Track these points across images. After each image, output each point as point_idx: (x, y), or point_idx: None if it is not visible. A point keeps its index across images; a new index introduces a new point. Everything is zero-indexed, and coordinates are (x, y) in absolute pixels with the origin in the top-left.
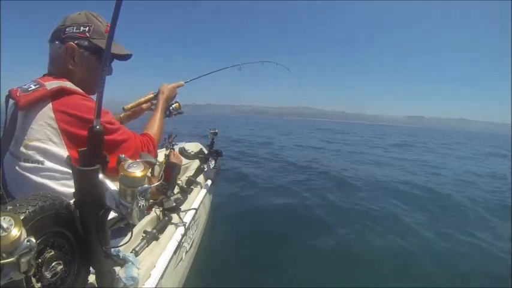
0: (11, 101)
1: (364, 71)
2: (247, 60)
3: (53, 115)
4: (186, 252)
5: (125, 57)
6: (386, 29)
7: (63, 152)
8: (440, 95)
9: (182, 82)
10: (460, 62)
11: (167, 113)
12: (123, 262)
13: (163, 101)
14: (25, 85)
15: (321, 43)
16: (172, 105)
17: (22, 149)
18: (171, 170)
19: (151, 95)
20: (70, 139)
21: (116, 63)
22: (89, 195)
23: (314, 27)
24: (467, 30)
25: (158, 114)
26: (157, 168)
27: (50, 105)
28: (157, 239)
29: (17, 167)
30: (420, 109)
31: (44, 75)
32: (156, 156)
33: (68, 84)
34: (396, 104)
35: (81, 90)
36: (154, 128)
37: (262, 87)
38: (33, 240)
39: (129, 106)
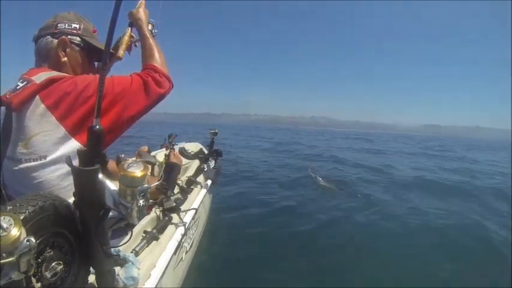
0: (2, 108)
1: (379, 79)
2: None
3: (42, 105)
4: (186, 252)
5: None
6: (399, 37)
7: (62, 138)
8: (456, 103)
9: (142, 0)
10: (475, 68)
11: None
12: (123, 262)
13: (145, 24)
14: (13, 87)
15: (337, 50)
16: (149, 28)
17: (22, 149)
18: (171, 170)
19: (129, 29)
20: (65, 118)
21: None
22: (89, 195)
23: (327, 34)
24: (479, 39)
25: (149, 40)
26: (157, 168)
27: (37, 97)
28: (157, 239)
29: (18, 171)
30: (436, 117)
31: (30, 69)
32: (170, 81)
33: (54, 74)
34: (411, 112)
35: (67, 74)
36: (152, 54)
37: (275, 96)
38: (33, 240)
39: (121, 52)
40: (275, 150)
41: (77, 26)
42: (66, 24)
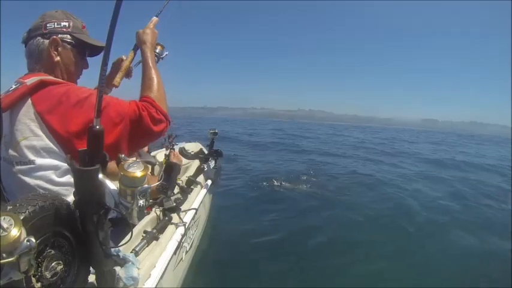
0: None
1: (376, 74)
2: None
3: (33, 109)
4: (186, 252)
5: (100, 50)
6: (397, 32)
7: (52, 144)
8: (453, 98)
9: (155, 18)
10: (472, 64)
11: (155, 60)
12: (123, 262)
13: (150, 50)
14: (8, 88)
15: (336, 44)
16: (156, 50)
17: (13, 152)
18: (171, 170)
19: (132, 53)
20: (55, 128)
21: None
22: (89, 195)
23: (325, 29)
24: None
25: (151, 70)
26: (157, 168)
27: (29, 100)
28: (157, 239)
29: (12, 174)
30: (433, 112)
31: (25, 74)
32: (167, 119)
33: (48, 77)
34: (409, 107)
35: (61, 80)
36: (151, 86)
37: (272, 89)
38: (33, 240)
39: (118, 80)
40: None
41: (66, 24)
42: (55, 23)
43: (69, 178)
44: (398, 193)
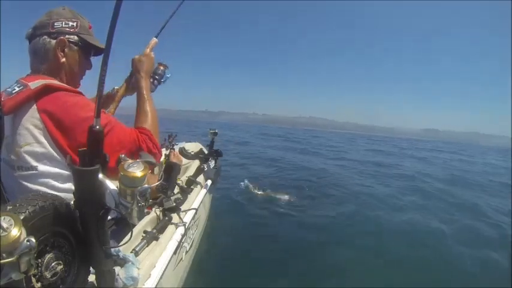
0: None
1: (377, 82)
2: None
3: (38, 116)
4: (186, 252)
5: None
6: (400, 37)
7: (54, 153)
8: (454, 108)
9: (154, 39)
10: (476, 74)
11: (155, 83)
12: (123, 262)
13: (145, 78)
14: (9, 88)
15: (337, 51)
16: (158, 72)
17: (14, 156)
18: (171, 170)
19: (124, 86)
20: (59, 138)
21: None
22: (89, 195)
23: (327, 33)
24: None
25: (146, 102)
26: (157, 168)
27: (34, 106)
28: (157, 239)
29: (13, 177)
30: (434, 122)
31: (28, 75)
32: (160, 153)
33: (52, 82)
34: (410, 117)
35: (66, 85)
36: (147, 120)
37: (273, 95)
38: (33, 240)
39: (112, 110)
40: None
41: (74, 24)
42: (63, 23)
43: (72, 185)
44: None
